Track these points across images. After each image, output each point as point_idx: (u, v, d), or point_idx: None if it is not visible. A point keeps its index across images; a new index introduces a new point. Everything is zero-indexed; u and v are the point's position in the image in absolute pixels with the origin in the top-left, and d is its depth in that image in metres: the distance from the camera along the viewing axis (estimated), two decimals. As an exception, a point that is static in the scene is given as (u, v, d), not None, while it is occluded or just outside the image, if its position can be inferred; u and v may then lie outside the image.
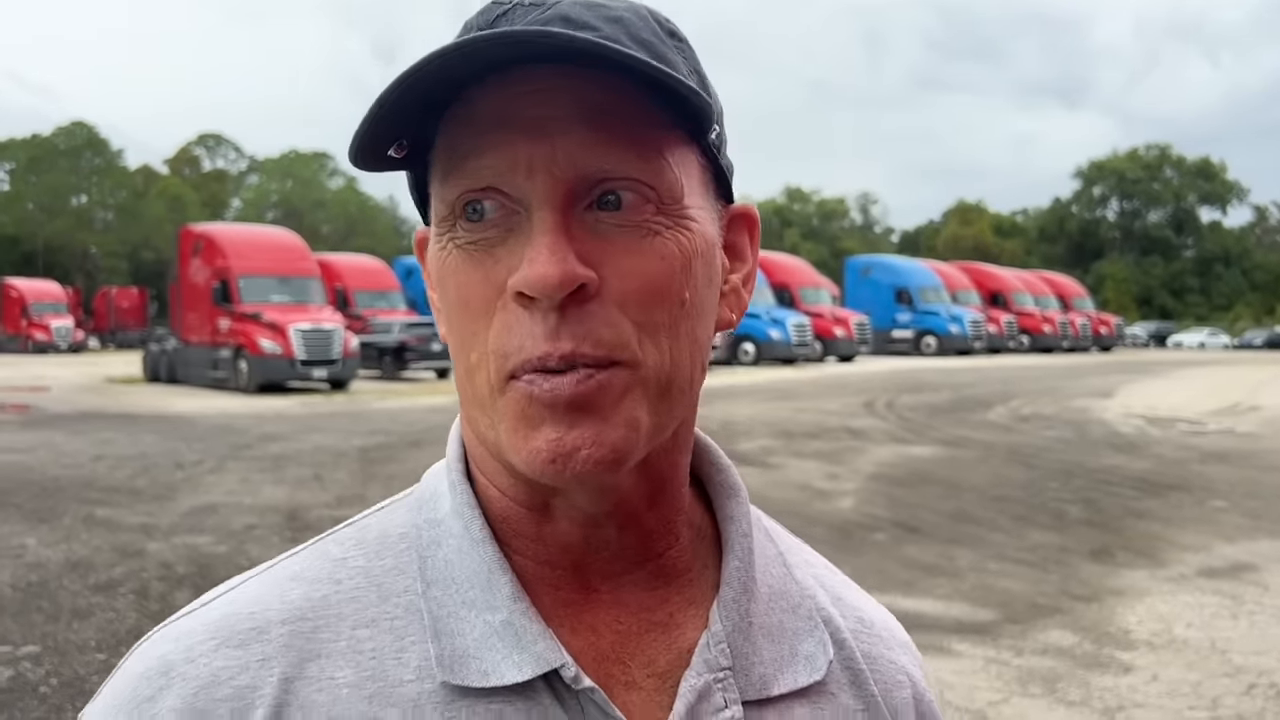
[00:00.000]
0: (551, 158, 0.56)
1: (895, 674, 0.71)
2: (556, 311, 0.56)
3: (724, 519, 0.68)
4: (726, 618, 0.64)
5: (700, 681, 0.62)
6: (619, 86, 0.57)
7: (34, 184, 73.39)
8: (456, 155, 0.58)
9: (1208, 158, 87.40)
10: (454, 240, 0.59)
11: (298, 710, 0.58)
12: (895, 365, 34.06)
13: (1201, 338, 62.21)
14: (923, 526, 8.43)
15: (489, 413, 0.59)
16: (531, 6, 0.59)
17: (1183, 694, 4.84)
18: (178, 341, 26.33)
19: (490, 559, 0.62)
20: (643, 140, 0.58)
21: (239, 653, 0.60)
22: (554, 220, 0.56)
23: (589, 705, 0.60)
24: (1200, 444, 14.18)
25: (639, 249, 0.58)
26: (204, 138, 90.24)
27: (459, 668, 0.59)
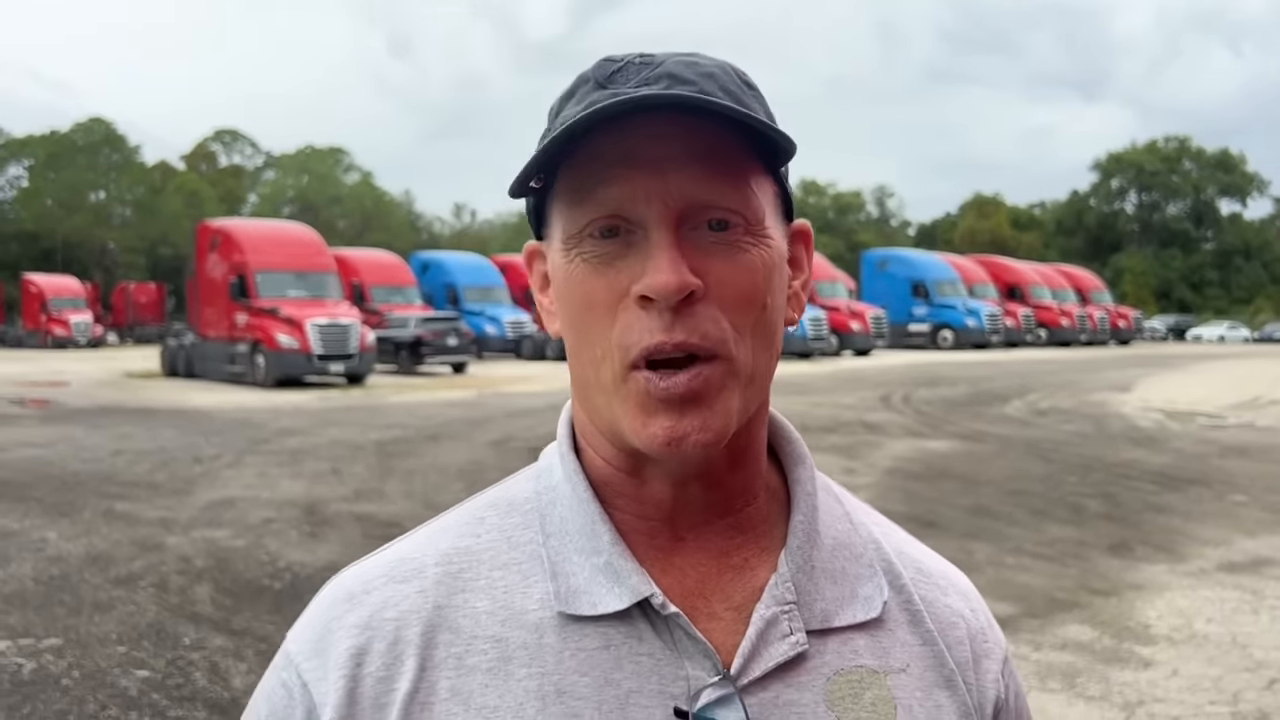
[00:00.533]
0: (666, 190, 0.70)
1: (950, 615, 0.82)
2: (671, 311, 0.69)
3: (792, 481, 0.82)
4: (792, 561, 0.77)
5: (769, 612, 0.75)
6: (717, 131, 0.71)
7: (53, 180, 73.76)
8: (586, 186, 0.72)
9: (1227, 149, 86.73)
10: (581, 255, 0.73)
11: (446, 630, 0.74)
12: (912, 359, 33.97)
13: (1221, 331, 61.82)
14: (940, 521, 8.41)
15: (610, 397, 0.73)
16: (642, 65, 0.73)
17: (1203, 689, 4.82)
18: (195, 336, 26.48)
19: (594, 515, 0.76)
20: (735, 174, 0.72)
21: (402, 586, 0.76)
22: (669, 239, 0.70)
23: (675, 628, 0.73)
24: (1220, 438, 14.10)
25: (733, 263, 0.72)
26: (220, 133, 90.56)
27: (573, 600, 0.74)
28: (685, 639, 0.73)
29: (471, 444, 12.92)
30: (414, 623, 0.74)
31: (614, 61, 0.74)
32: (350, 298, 27.68)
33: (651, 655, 0.73)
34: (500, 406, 17.78)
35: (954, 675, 0.79)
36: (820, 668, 0.75)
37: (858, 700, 0.75)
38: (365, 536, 7.82)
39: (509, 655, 0.73)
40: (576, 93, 0.75)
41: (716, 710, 0.71)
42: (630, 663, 0.72)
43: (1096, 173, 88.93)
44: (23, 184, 76.91)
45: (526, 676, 0.72)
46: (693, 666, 0.72)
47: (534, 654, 0.73)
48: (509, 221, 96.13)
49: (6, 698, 4.65)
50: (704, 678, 0.72)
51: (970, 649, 0.81)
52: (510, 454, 11.90)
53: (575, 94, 0.75)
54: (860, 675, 0.76)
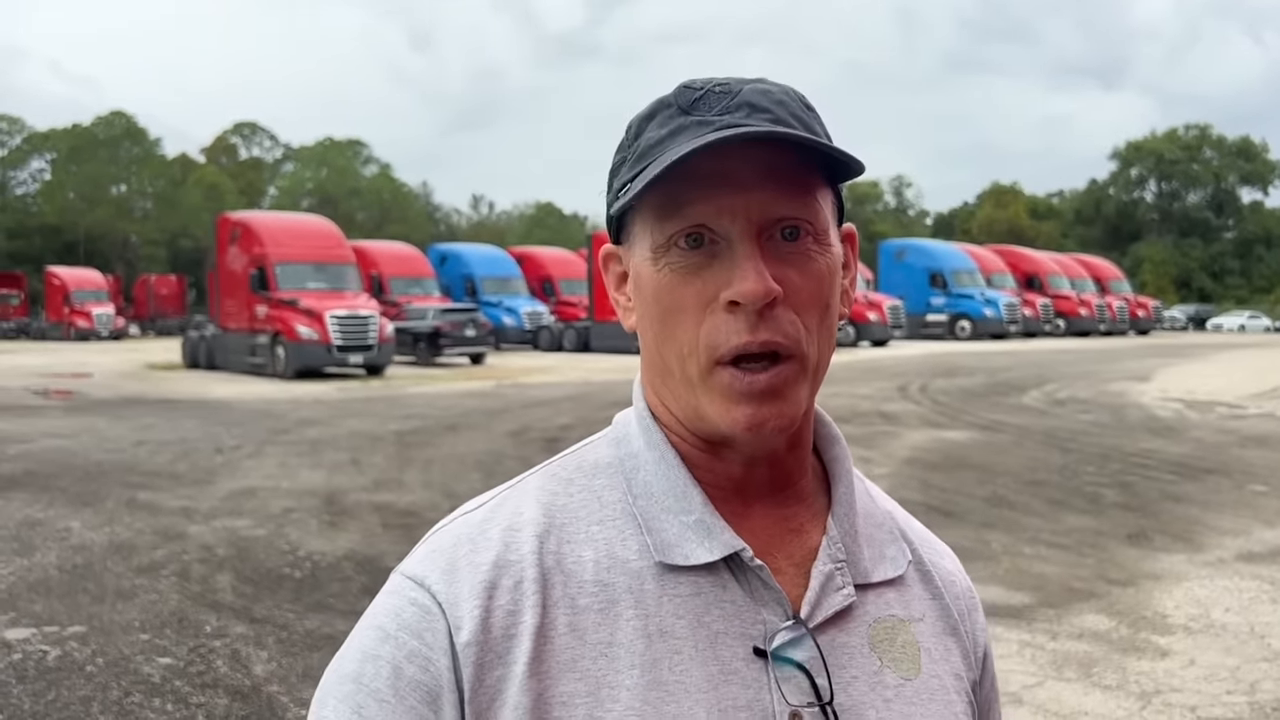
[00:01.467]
0: (748, 206, 0.80)
1: (950, 576, 0.97)
2: (756, 314, 0.80)
3: (830, 459, 0.94)
4: (839, 526, 0.89)
5: (826, 568, 0.87)
6: (790, 154, 0.81)
7: (75, 174, 74.26)
8: (675, 202, 0.81)
9: (1248, 137, 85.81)
10: (670, 265, 0.82)
11: (560, 573, 0.82)
12: (929, 349, 33.85)
13: (1242, 320, 61.26)
14: (957, 511, 8.41)
15: (694, 388, 0.83)
16: (723, 94, 0.83)
17: (1220, 678, 4.82)
18: (216, 328, 26.62)
19: (684, 478, 0.86)
20: (806, 190, 0.82)
21: (516, 534, 0.84)
22: (753, 250, 0.80)
23: (754, 579, 0.84)
24: (1240, 428, 14.02)
25: (804, 270, 0.82)
26: (240, 126, 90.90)
27: (668, 551, 0.84)
28: (762, 588, 0.84)
29: (489, 434, 12.97)
30: (533, 564, 0.82)
31: (694, 89, 0.84)
32: (369, 289, 27.76)
33: (734, 602, 0.83)
34: (518, 397, 17.83)
35: (957, 625, 0.94)
36: (863, 616, 0.87)
37: (892, 643, 0.88)
38: (384, 526, 7.88)
39: (615, 598, 0.82)
40: (657, 116, 0.85)
41: (789, 649, 0.83)
42: (717, 608, 0.83)
43: (1116, 161, 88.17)
44: (45, 178, 77.54)
45: (633, 617, 0.81)
46: (768, 613, 0.83)
47: (637, 598, 0.82)
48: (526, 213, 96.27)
49: (31, 684, 4.72)
50: (777, 622, 0.83)
51: (965, 603, 0.97)
52: (528, 444, 11.95)
53: (656, 117, 0.85)
54: (893, 623, 0.89)
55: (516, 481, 0.91)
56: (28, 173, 78.38)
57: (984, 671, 0.97)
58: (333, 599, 6.04)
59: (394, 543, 7.29)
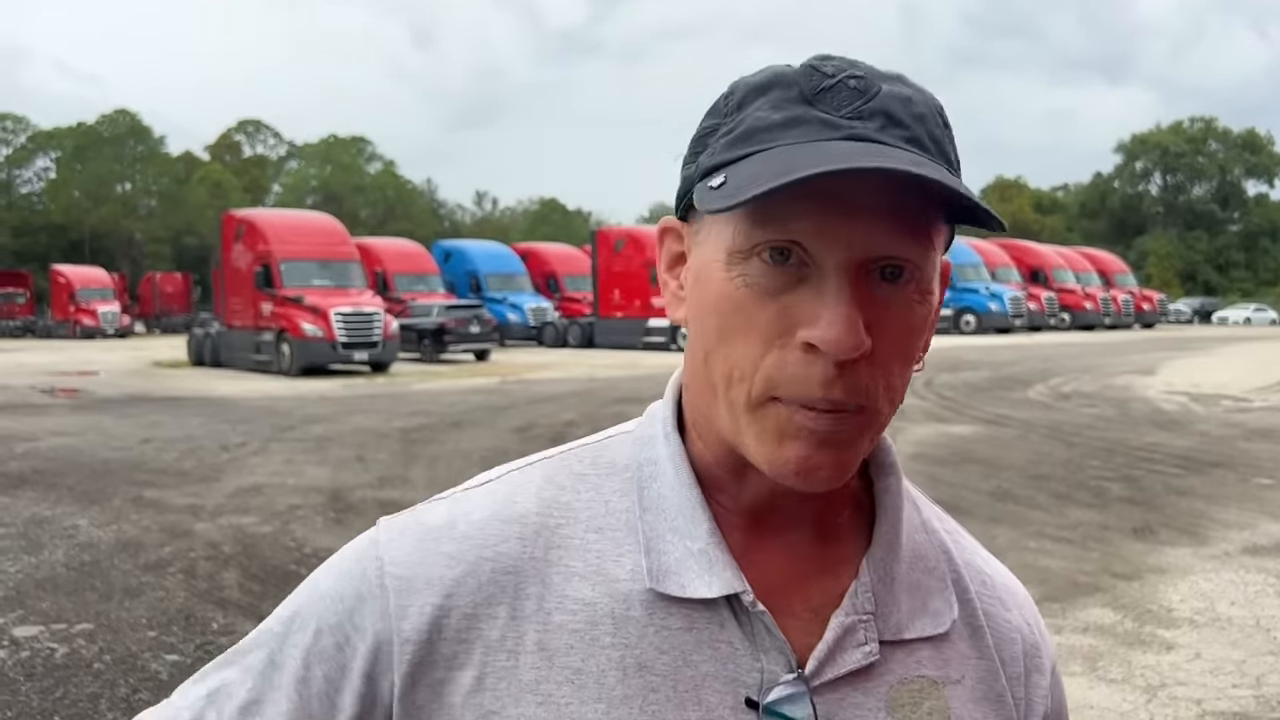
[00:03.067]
0: (854, 235, 0.67)
1: (1009, 631, 0.84)
2: (836, 365, 0.67)
3: (880, 490, 0.82)
4: (873, 571, 0.78)
5: (848, 620, 0.76)
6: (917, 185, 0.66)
7: (80, 172, 74.26)
8: (772, 207, 0.68)
9: (1254, 130, 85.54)
10: (745, 276, 0.69)
11: (538, 583, 0.75)
12: (934, 343, 33.31)
13: (1247, 313, 61.10)
14: (962, 505, 8.40)
15: (738, 415, 0.71)
16: (855, 92, 0.70)
17: (1226, 672, 4.82)
18: (221, 325, 26.66)
19: (695, 500, 0.77)
20: (923, 231, 0.70)
21: (505, 527, 0.77)
22: (849, 290, 0.67)
23: (758, 624, 0.74)
24: (1245, 421, 14.00)
25: (903, 320, 0.71)
26: (244, 124, 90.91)
27: (663, 579, 0.74)
28: (765, 634, 0.74)
29: (495, 430, 12.98)
30: (510, 568, 0.75)
31: (823, 74, 0.71)
32: (374, 286, 27.80)
33: (730, 644, 0.74)
34: (523, 393, 17.84)
35: (1004, 692, 0.81)
36: (885, 675, 0.76)
37: (916, 709, 0.77)
38: (390, 523, 7.89)
39: (596, 621, 0.74)
40: (772, 91, 0.71)
41: (785, 706, 0.73)
42: (709, 648, 0.74)
43: (1120, 155, 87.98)
44: (50, 176, 77.55)
45: (611, 645, 0.73)
46: (768, 661, 0.74)
47: (620, 624, 0.74)
48: (530, 210, 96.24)
49: (40, 681, 4.74)
50: (778, 673, 0.74)
51: (1023, 665, 0.83)
52: (533, 440, 11.96)
53: (770, 93, 0.71)
54: (921, 685, 0.77)
55: (528, 463, 0.83)
56: (33, 171, 78.43)
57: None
58: (339, 595, 6.05)
59: (400, 539, 7.30)
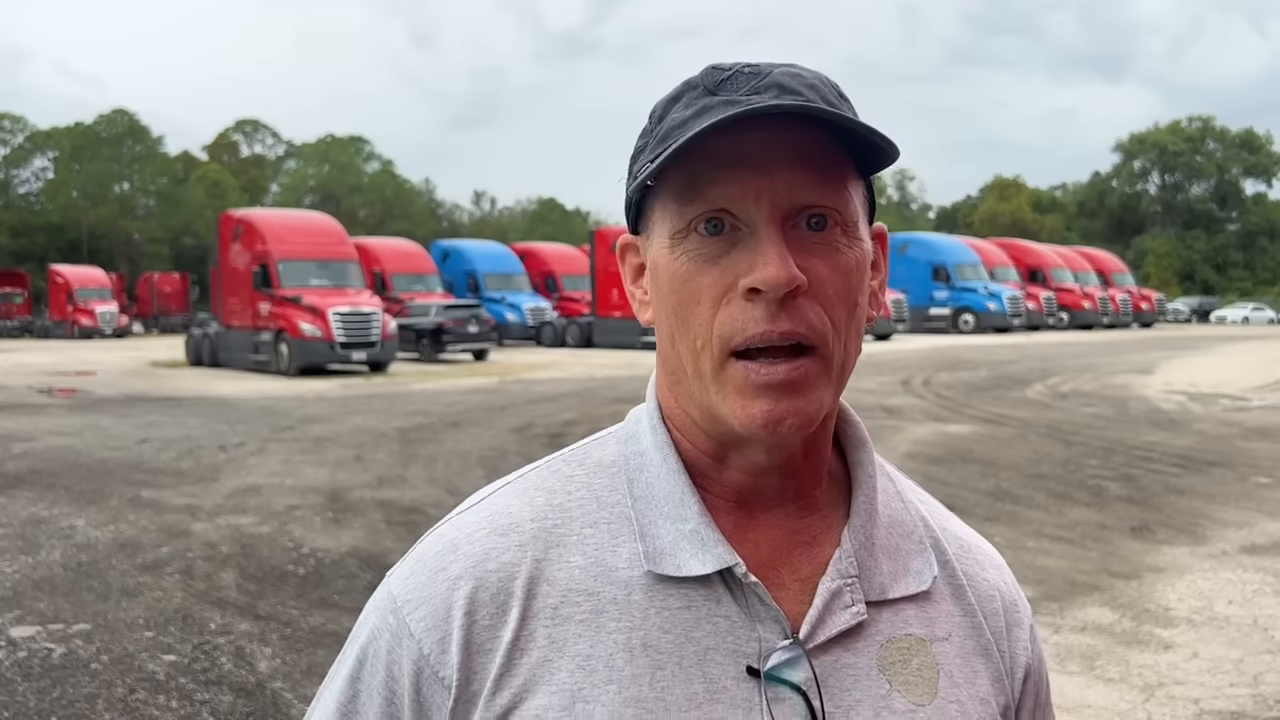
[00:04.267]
0: (774, 189, 0.75)
1: (988, 589, 0.90)
2: (777, 302, 0.74)
3: (854, 463, 0.88)
4: (854, 538, 0.84)
5: (834, 584, 0.82)
6: (821, 137, 0.76)
7: (78, 172, 74.18)
8: (697, 184, 0.77)
9: (1252, 129, 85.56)
10: (687, 251, 0.78)
11: (544, 582, 0.80)
12: (933, 343, 33.81)
13: (1245, 312, 61.13)
14: (960, 504, 8.40)
15: (708, 384, 0.78)
16: (751, 74, 0.78)
17: (1224, 671, 4.81)
18: (219, 325, 26.64)
19: (683, 486, 0.82)
20: (836, 177, 0.78)
21: (503, 539, 0.82)
22: (777, 235, 0.75)
23: (751, 595, 0.80)
24: (1243, 420, 14.00)
25: (831, 262, 0.77)
26: (242, 124, 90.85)
27: (659, 561, 0.80)
28: (759, 605, 0.79)
29: (493, 430, 12.98)
30: (515, 575, 0.80)
31: (722, 70, 0.79)
32: (372, 286, 27.80)
33: (728, 618, 0.79)
34: (521, 393, 17.83)
35: (990, 644, 0.87)
36: (874, 635, 0.82)
37: (906, 665, 0.82)
38: (388, 523, 7.89)
39: (600, 609, 0.79)
40: (683, 98, 0.80)
41: (785, 670, 0.78)
42: (709, 623, 0.79)
43: (1119, 154, 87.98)
44: (49, 176, 77.47)
45: (616, 629, 0.78)
46: (764, 630, 0.79)
47: (623, 609, 0.79)
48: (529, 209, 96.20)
49: (37, 681, 4.74)
50: (774, 641, 0.79)
51: (1004, 619, 0.89)
52: (531, 440, 11.95)
53: (682, 99, 0.80)
54: (909, 643, 0.83)
55: (518, 475, 0.88)
56: (31, 171, 78.35)
57: (1024, 695, 0.89)
58: (337, 596, 6.04)
59: (397, 539, 7.30)
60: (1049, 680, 0.95)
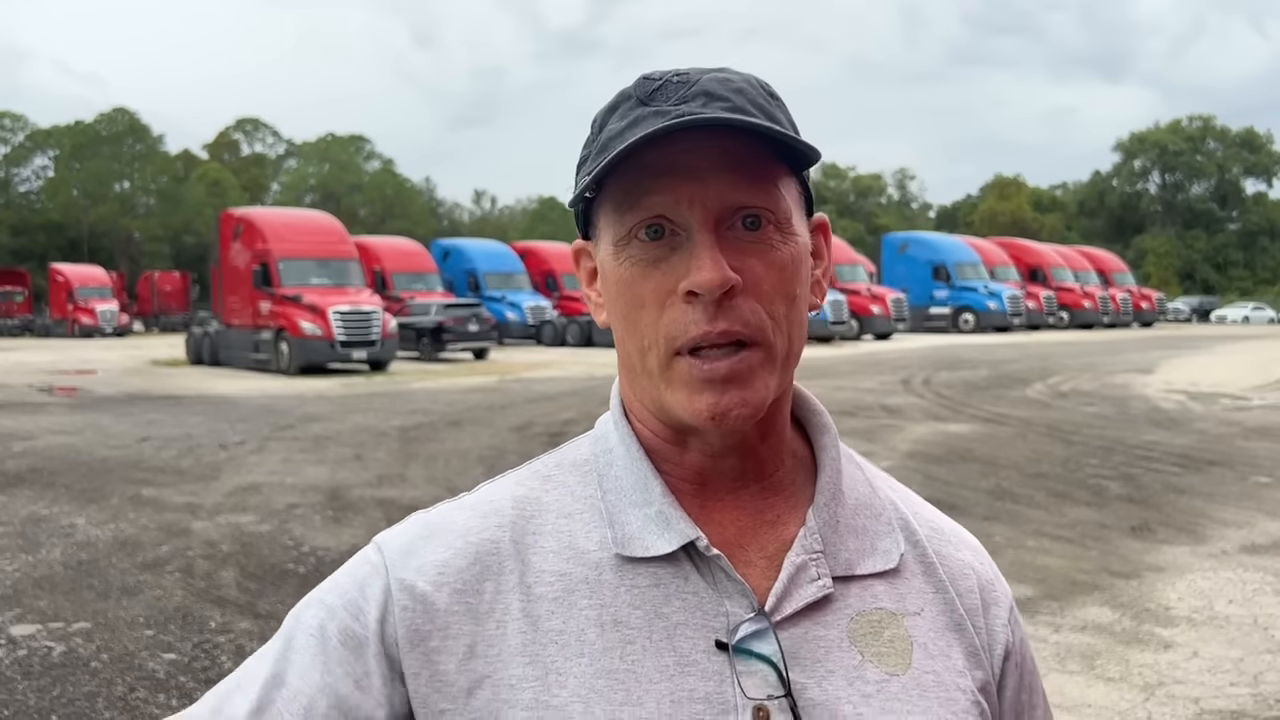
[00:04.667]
0: (705, 195, 0.79)
1: (962, 568, 0.91)
2: (715, 304, 0.78)
3: (819, 448, 0.91)
4: (819, 516, 0.86)
5: (799, 559, 0.84)
6: (748, 141, 0.79)
7: (78, 171, 74.13)
8: (634, 193, 0.81)
9: (1252, 129, 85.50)
10: (630, 258, 0.82)
11: (519, 560, 0.84)
12: (933, 342, 33.81)
13: (1245, 312, 61.11)
14: (960, 504, 8.40)
15: (657, 380, 0.82)
16: (680, 84, 0.81)
17: (1224, 670, 4.81)
18: (220, 324, 26.64)
19: (645, 471, 0.86)
20: (765, 179, 0.81)
21: (484, 519, 0.87)
22: (710, 239, 0.79)
23: (716, 570, 0.82)
24: (1244, 419, 13.99)
25: (766, 259, 0.81)
26: (242, 122, 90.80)
27: (628, 544, 0.83)
28: (725, 580, 0.82)
29: (493, 429, 12.98)
30: (494, 550, 0.85)
31: (653, 80, 0.83)
32: (372, 285, 27.79)
33: (696, 594, 0.82)
34: (521, 392, 17.83)
35: (963, 620, 0.88)
36: (844, 609, 0.84)
37: (878, 637, 0.84)
38: (388, 521, 7.84)
39: (572, 588, 0.83)
40: (619, 108, 0.83)
41: (752, 642, 0.81)
42: (677, 599, 0.82)
43: (1119, 153, 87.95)
44: (49, 174, 77.42)
45: (587, 607, 0.82)
46: (731, 605, 0.81)
47: (594, 588, 0.82)
48: (529, 208, 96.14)
49: (37, 680, 4.74)
50: (741, 614, 0.81)
51: (980, 597, 0.91)
52: (531, 439, 11.95)
53: (618, 109, 0.83)
54: (880, 616, 0.85)
55: (499, 477, 0.93)
56: (31, 170, 78.30)
57: (1005, 674, 0.90)
58: (337, 594, 6.04)
59: (398, 538, 7.29)
60: (1035, 664, 0.96)
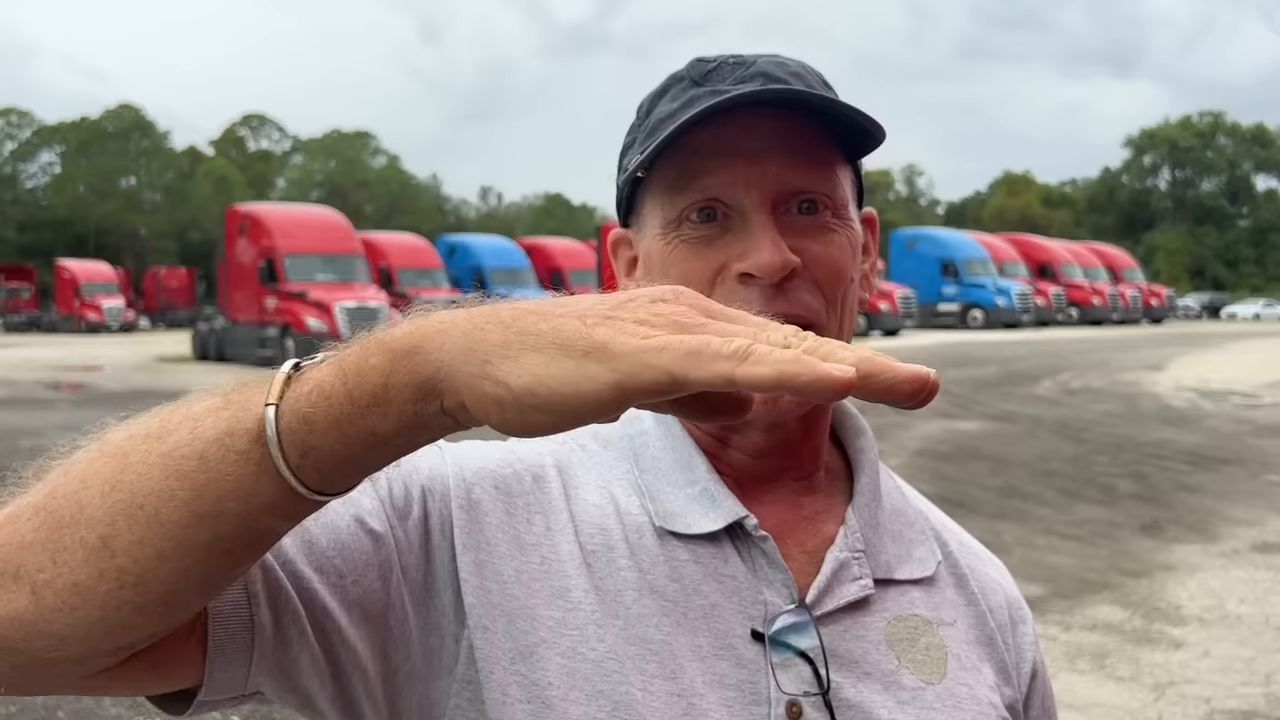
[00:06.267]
0: (763, 177, 0.77)
1: (990, 583, 0.90)
2: (773, 286, 0.76)
3: (855, 450, 0.89)
4: (860, 516, 0.84)
5: (843, 555, 0.81)
6: (807, 124, 0.78)
7: (84, 167, 74.47)
8: (687, 174, 0.78)
9: (1263, 124, 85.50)
10: (680, 238, 0.80)
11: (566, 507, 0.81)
12: (941, 339, 33.76)
13: (1256, 309, 60.95)
14: (969, 502, 8.36)
15: None
16: (736, 65, 0.80)
17: (1235, 669, 4.77)
18: (226, 320, 26.67)
19: (690, 450, 0.83)
20: (824, 162, 0.80)
21: (537, 456, 0.83)
22: (768, 221, 0.77)
23: (759, 556, 0.80)
24: (1255, 417, 13.93)
25: (824, 243, 0.79)
26: (248, 118, 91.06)
27: (670, 520, 0.80)
28: (767, 566, 0.79)
29: (499, 426, 12.95)
30: (541, 479, 0.82)
31: (707, 62, 0.81)
32: (378, 281, 27.78)
33: (734, 577, 0.79)
34: (527, 388, 17.81)
35: (994, 635, 0.87)
36: (881, 611, 0.82)
37: (914, 644, 0.81)
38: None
39: (612, 545, 0.79)
40: (670, 91, 0.82)
41: (790, 635, 0.77)
42: (715, 580, 0.79)
43: (1129, 149, 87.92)
44: (55, 171, 77.72)
45: (627, 568, 0.78)
46: (771, 593, 0.78)
47: (634, 550, 0.79)
48: (535, 204, 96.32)
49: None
50: (780, 604, 0.78)
51: (1008, 614, 0.89)
52: (537, 436, 11.93)
53: (668, 92, 0.82)
54: (916, 623, 0.83)
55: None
56: (37, 166, 78.61)
57: (1031, 693, 0.89)
58: (340, 591, 6.02)
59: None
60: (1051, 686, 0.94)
